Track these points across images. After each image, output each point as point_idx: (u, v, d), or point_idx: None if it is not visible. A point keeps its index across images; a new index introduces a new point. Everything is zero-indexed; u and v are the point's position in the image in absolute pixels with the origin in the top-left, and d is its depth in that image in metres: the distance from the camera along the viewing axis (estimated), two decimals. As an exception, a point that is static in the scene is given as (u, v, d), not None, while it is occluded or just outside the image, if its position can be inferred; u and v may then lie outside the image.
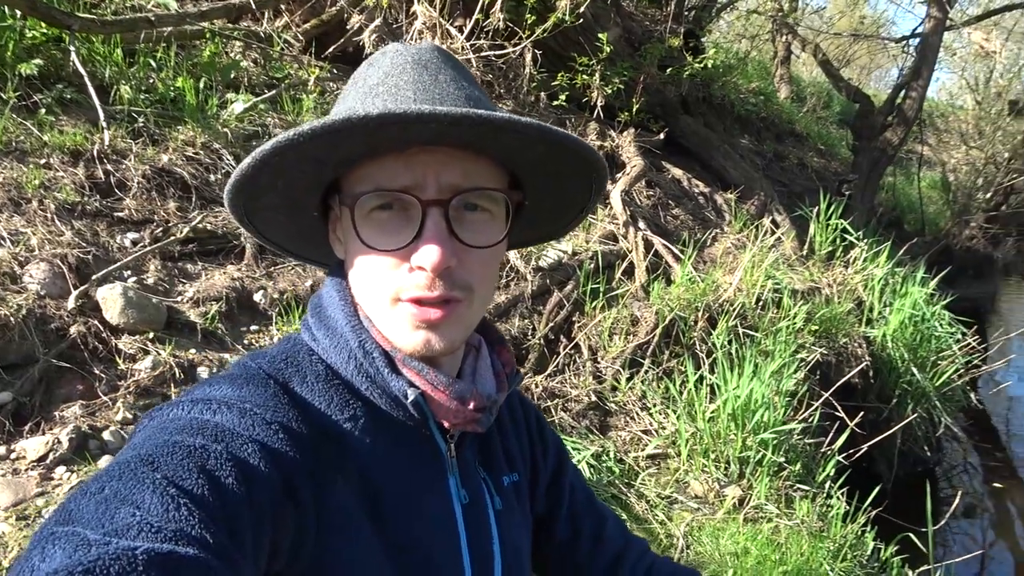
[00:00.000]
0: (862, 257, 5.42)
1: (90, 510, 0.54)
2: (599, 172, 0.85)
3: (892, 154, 8.13)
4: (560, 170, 0.84)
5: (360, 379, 0.82)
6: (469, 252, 0.78)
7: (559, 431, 3.03)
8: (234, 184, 0.76)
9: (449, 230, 0.76)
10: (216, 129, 3.53)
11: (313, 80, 4.31)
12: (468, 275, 0.79)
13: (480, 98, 0.82)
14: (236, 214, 0.84)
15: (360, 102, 0.79)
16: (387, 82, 0.78)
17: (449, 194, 0.76)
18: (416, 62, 0.80)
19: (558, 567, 1.14)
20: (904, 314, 4.83)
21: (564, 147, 0.78)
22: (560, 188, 0.89)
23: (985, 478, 5.58)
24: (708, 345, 3.76)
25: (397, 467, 0.82)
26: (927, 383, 4.64)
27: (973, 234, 8.57)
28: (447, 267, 0.75)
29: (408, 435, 0.85)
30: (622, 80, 5.40)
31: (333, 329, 0.84)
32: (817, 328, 4.26)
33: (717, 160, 6.29)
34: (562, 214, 0.97)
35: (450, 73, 0.81)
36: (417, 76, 0.79)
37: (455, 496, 0.88)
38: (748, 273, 4.25)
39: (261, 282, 3.06)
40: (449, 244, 0.76)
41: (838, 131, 12.32)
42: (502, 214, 0.83)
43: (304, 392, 0.80)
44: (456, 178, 0.76)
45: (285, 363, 0.83)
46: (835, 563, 2.55)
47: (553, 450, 1.14)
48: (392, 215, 0.77)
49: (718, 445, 3.11)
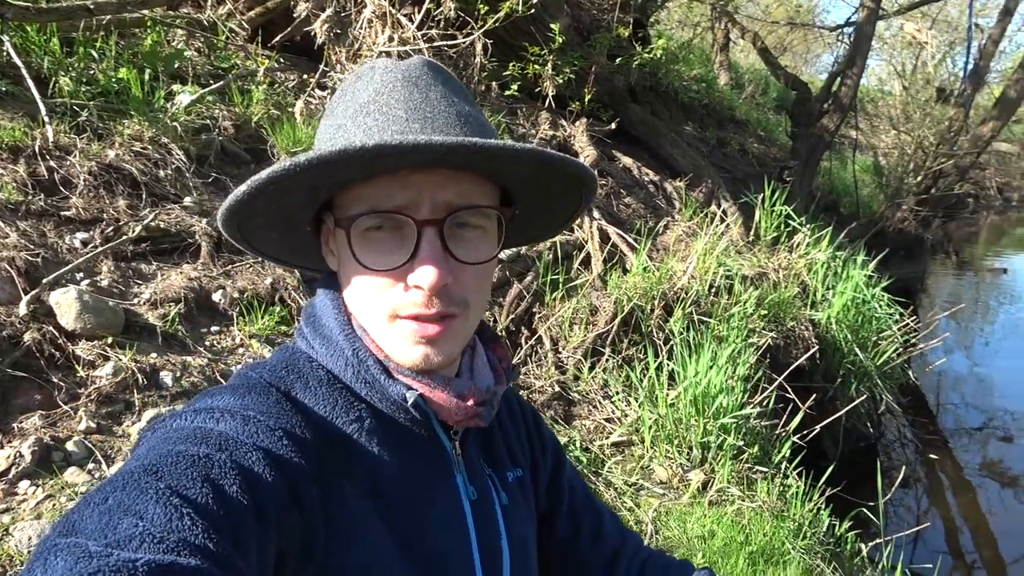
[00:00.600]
0: (805, 242, 5.60)
1: (93, 521, 0.54)
2: (589, 186, 0.87)
3: (829, 140, 8.41)
4: (551, 184, 0.85)
5: (359, 384, 0.83)
6: (464, 268, 0.80)
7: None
8: (228, 209, 0.76)
9: (444, 248, 0.77)
10: (164, 123, 3.41)
11: (263, 71, 4.20)
12: (464, 290, 0.81)
13: (471, 113, 0.82)
14: (229, 233, 0.83)
15: (352, 120, 0.79)
16: (378, 100, 0.79)
17: (443, 213, 0.77)
18: (406, 79, 0.80)
19: (560, 564, 1.16)
20: (846, 297, 5.03)
21: (556, 167, 0.80)
22: (550, 200, 0.91)
23: (920, 450, 5.86)
24: (665, 332, 3.85)
25: (404, 467, 0.83)
26: (869, 363, 4.85)
27: (905, 216, 8.95)
28: (443, 285, 0.77)
29: (412, 435, 0.86)
30: (572, 70, 5.43)
31: (328, 338, 0.85)
32: (766, 313, 4.40)
33: (665, 148, 6.39)
34: (552, 221, 0.99)
35: (440, 90, 0.82)
36: (408, 94, 0.79)
37: (463, 493, 0.89)
38: (701, 260, 4.35)
39: (219, 281, 2.99)
40: (444, 263, 0.77)
41: (775, 117, 12.67)
42: (494, 228, 0.85)
43: (307, 398, 0.81)
44: (450, 197, 0.77)
45: (286, 371, 0.84)
46: (796, 541, 2.66)
47: (551, 448, 1.17)
48: (387, 234, 0.78)
49: (680, 431, 3.20)
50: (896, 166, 10.10)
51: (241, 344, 2.80)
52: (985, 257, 14.41)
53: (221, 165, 3.61)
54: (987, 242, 16.46)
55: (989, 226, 18.07)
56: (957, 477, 5.65)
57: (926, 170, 9.03)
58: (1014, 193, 20.27)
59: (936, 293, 10.87)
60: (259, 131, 3.88)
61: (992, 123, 8.89)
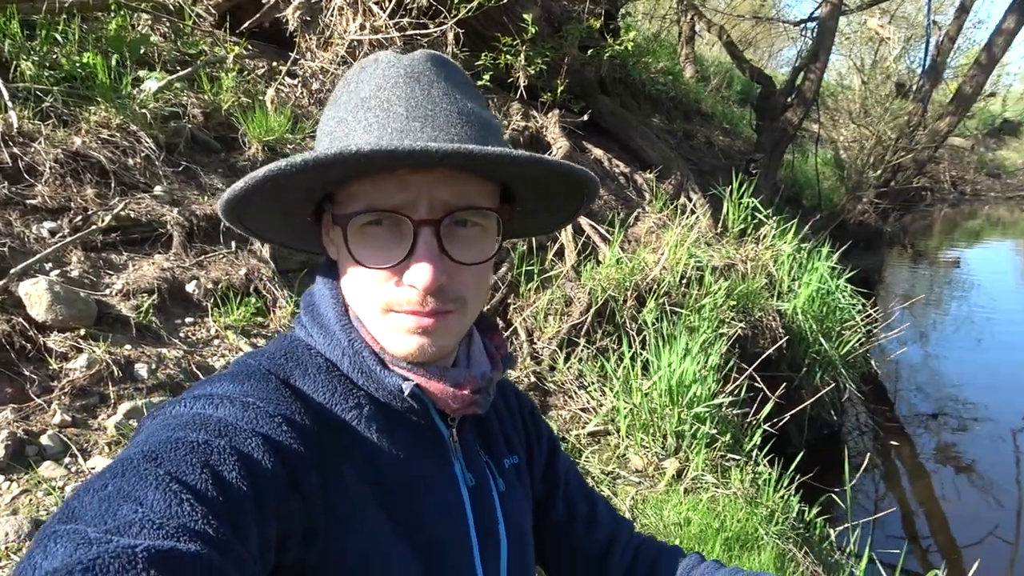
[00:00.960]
0: (771, 234, 5.71)
1: (93, 507, 0.54)
2: (591, 188, 0.87)
3: (793, 133, 8.56)
4: (551, 184, 0.86)
5: (356, 374, 0.84)
6: (461, 268, 0.80)
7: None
8: (227, 202, 0.77)
9: (440, 249, 0.77)
10: (133, 110, 3.33)
11: (232, 57, 4.12)
12: (460, 288, 0.81)
13: (473, 110, 0.82)
14: (231, 222, 0.83)
15: (352, 115, 0.79)
16: (379, 95, 0.78)
17: (440, 213, 0.77)
18: (408, 75, 0.80)
19: (555, 550, 1.18)
20: (812, 288, 5.14)
21: (557, 171, 0.80)
22: (551, 199, 0.91)
23: (879, 437, 6.02)
24: (638, 323, 3.89)
25: (402, 454, 0.83)
26: (833, 352, 4.97)
27: (865, 209, 9.16)
28: (439, 285, 0.77)
29: (410, 423, 0.87)
30: (544, 61, 5.43)
31: (326, 327, 0.86)
32: (735, 304, 4.48)
33: (635, 140, 6.44)
34: (553, 217, 1.00)
35: (443, 86, 0.81)
36: (409, 91, 0.79)
37: (461, 480, 0.90)
38: (672, 252, 4.41)
39: (192, 272, 2.94)
40: (440, 263, 0.77)
41: (740, 110, 12.83)
42: (494, 226, 0.85)
43: (306, 385, 0.81)
44: (447, 196, 0.77)
45: (285, 358, 0.84)
46: (769, 527, 2.73)
47: (546, 437, 1.18)
48: (383, 231, 0.78)
49: (655, 420, 3.25)
50: (856, 159, 10.32)
51: (216, 336, 2.76)
52: (939, 249, 14.81)
53: (191, 153, 3.54)
54: (941, 234, 16.92)
55: (943, 218, 18.58)
56: (914, 463, 5.81)
57: (886, 164, 9.25)
58: (967, 186, 20.85)
59: (892, 284, 11.15)
60: (229, 119, 3.81)
61: (949, 118, 9.14)
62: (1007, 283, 11.91)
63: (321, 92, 4.58)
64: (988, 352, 8.15)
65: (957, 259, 13.32)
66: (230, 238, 3.20)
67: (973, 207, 20.33)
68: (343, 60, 4.61)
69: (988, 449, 5.89)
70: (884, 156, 9.36)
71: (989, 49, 8.89)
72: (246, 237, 3.30)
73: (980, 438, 6.07)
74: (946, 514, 5.07)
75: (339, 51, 4.60)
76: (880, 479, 5.56)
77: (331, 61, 4.60)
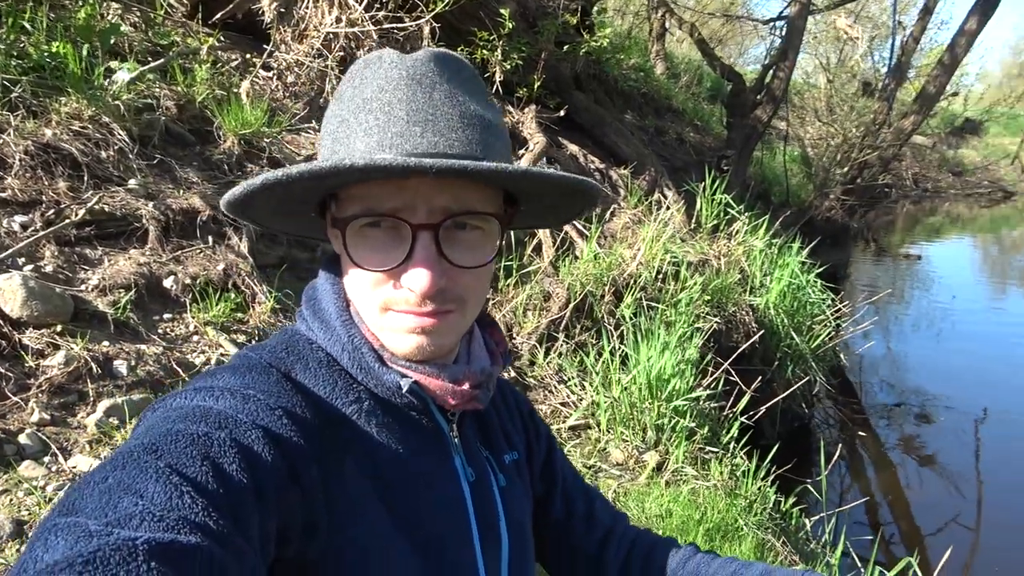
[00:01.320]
0: (743, 230, 5.79)
1: (93, 500, 0.54)
2: (591, 196, 0.88)
3: (762, 130, 8.69)
4: (553, 192, 0.87)
5: (356, 370, 0.84)
6: (460, 272, 0.80)
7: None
8: (227, 204, 0.78)
9: (439, 252, 0.77)
10: (106, 102, 3.26)
11: (206, 49, 4.06)
12: (460, 290, 0.81)
13: (476, 112, 0.82)
14: (235, 216, 0.84)
15: (354, 116, 0.79)
16: (381, 97, 0.78)
17: (439, 217, 0.77)
18: (411, 77, 0.79)
19: (554, 549, 1.19)
20: (783, 283, 5.23)
21: (555, 183, 0.81)
22: (553, 204, 0.92)
23: (847, 429, 6.15)
24: (616, 318, 3.92)
25: (403, 450, 0.84)
26: (804, 346, 5.06)
27: (832, 205, 9.33)
28: (437, 289, 0.77)
29: (410, 419, 0.87)
30: (521, 56, 5.43)
31: (326, 322, 0.86)
32: (709, 298, 4.54)
33: (610, 136, 6.48)
34: (555, 219, 1.01)
35: (446, 88, 0.81)
36: (411, 94, 0.78)
37: (462, 475, 0.90)
38: (648, 247, 4.45)
39: (169, 267, 2.90)
40: (439, 267, 0.77)
41: (709, 107, 12.97)
42: (495, 230, 0.84)
43: (307, 379, 0.82)
44: (447, 201, 0.77)
45: (286, 352, 0.84)
46: (748, 517, 2.78)
47: (544, 435, 1.18)
48: (382, 233, 0.78)
49: (635, 414, 3.28)
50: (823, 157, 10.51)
51: (196, 332, 2.73)
52: (901, 245, 15.15)
53: (166, 146, 3.48)
54: (903, 230, 17.31)
55: (905, 215, 19.02)
56: (879, 454, 5.95)
57: (852, 161, 9.43)
58: (928, 183, 21.36)
59: (857, 279, 11.39)
60: (204, 112, 3.75)
61: (913, 117, 9.35)
62: (966, 277, 12.23)
63: (296, 85, 4.53)
64: (948, 345, 8.37)
65: (919, 255, 13.64)
66: (207, 233, 3.16)
67: (934, 203, 20.85)
68: (318, 53, 4.56)
69: (950, 440, 6.04)
70: (850, 154, 9.55)
71: (952, 50, 9.11)
72: (223, 232, 3.27)
73: (942, 429, 6.23)
74: (910, 503, 5.20)
75: (315, 44, 4.55)
76: (847, 470, 5.68)
77: (306, 54, 4.55)
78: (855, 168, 9.49)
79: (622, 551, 1.17)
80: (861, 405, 6.79)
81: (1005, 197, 21.33)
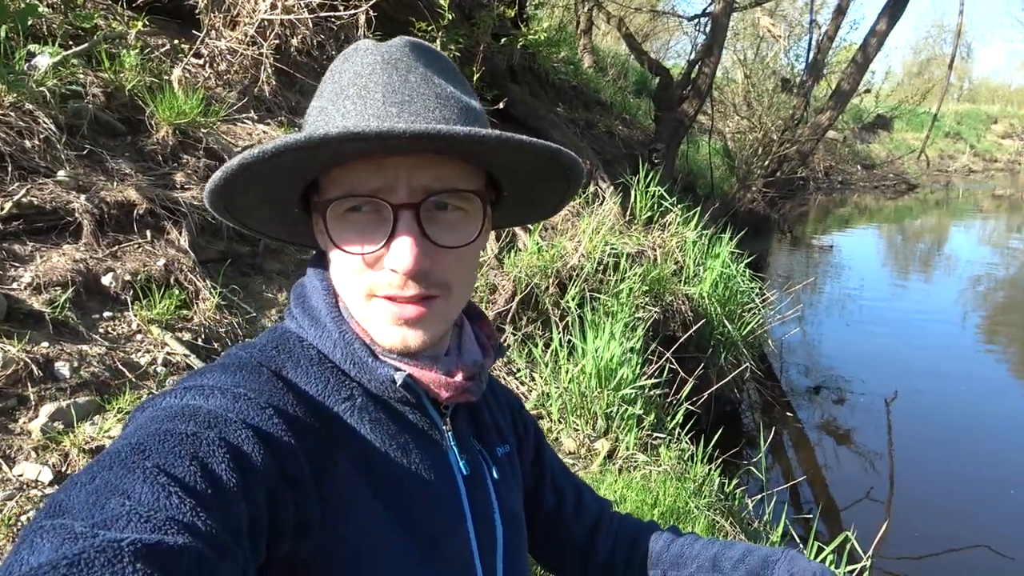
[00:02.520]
0: (676, 221, 5.95)
1: (80, 501, 0.54)
2: (573, 168, 0.86)
3: (689, 124, 8.93)
4: (533, 167, 0.85)
5: (348, 365, 0.84)
6: (444, 252, 0.80)
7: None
8: (209, 193, 0.77)
9: (421, 232, 0.77)
10: (29, 88, 3.07)
11: (134, 34, 3.87)
12: (444, 273, 0.81)
13: (452, 94, 0.82)
14: (220, 215, 0.83)
15: (332, 103, 0.79)
16: (357, 83, 0.79)
17: (420, 196, 0.77)
18: (386, 62, 0.80)
19: (544, 540, 1.20)
20: (715, 272, 5.41)
21: (530, 151, 0.78)
22: (534, 182, 0.90)
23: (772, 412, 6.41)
24: (561, 309, 3.98)
25: (396, 446, 0.83)
26: (736, 333, 5.26)
27: (754, 197, 9.68)
28: (420, 269, 0.77)
29: (403, 413, 0.87)
30: (458, 48, 5.41)
31: (316, 319, 0.86)
32: (648, 289, 4.65)
33: (545, 129, 6.52)
34: (542, 203, 0.98)
35: (420, 71, 0.81)
36: (387, 77, 0.79)
37: (456, 469, 0.90)
38: (589, 239, 4.52)
39: (107, 263, 2.77)
40: (422, 247, 0.77)
41: (635, 100, 13.22)
42: (478, 210, 0.83)
43: (298, 377, 0.81)
44: (427, 180, 0.77)
45: (276, 350, 0.83)
46: (697, 500, 2.88)
47: (532, 428, 1.20)
48: (364, 217, 0.78)
49: (585, 403, 3.34)
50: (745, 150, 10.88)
51: (139, 330, 2.62)
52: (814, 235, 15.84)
53: (95, 136, 3.31)
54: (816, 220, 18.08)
55: (818, 206, 19.87)
56: (800, 435, 6.23)
57: (772, 155, 9.80)
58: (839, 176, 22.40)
59: (775, 268, 11.87)
60: (134, 100, 3.59)
61: (829, 112, 9.79)
62: (873, 265, 12.88)
63: (229, 73, 4.38)
64: (858, 329, 8.79)
65: (831, 244, 14.30)
66: (145, 227, 3.03)
67: (844, 195, 21.87)
68: (252, 40, 4.42)
69: (863, 419, 6.37)
70: (771, 147, 9.93)
71: (864, 49, 9.58)
72: (161, 226, 3.14)
73: (856, 409, 6.55)
74: (827, 480, 5.47)
75: (248, 31, 4.41)
76: (773, 451, 5.93)
77: (240, 41, 4.40)
78: (775, 161, 9.88)
79: (609, 539, 1.19)
80: (783, 389, 7.09)
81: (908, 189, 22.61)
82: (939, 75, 31.65)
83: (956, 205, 21.12)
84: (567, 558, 1.22)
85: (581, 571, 1.22)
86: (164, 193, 3.17)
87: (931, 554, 4.06)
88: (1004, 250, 13.62)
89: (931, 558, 4.02)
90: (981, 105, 33.61)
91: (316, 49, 5.10)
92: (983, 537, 4.17)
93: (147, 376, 2.45)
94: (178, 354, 2.59)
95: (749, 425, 5.97)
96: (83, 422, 2.14)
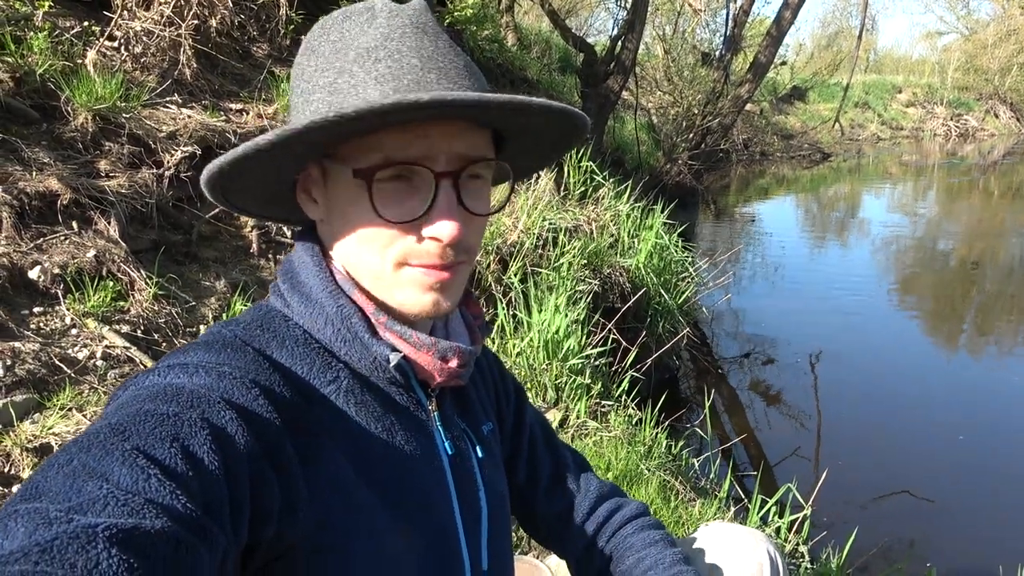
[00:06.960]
0: (608, 195, 6.05)
1: (56, 484, 0.53)
2: (583, 132, 0.88)
3: (615, 100, 9.05)
4: (548, 130, 0.87)
5: (338, 344, 0.83)
6: (474, 220, 0.82)
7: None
8: (227, 164, 0.74)
9: (459, 201, 0.78)
10: (-69, 74, 2.88)
11: (41, 15, 3.66)
12: (472, 240, 0.83)
13: (470, 64, 0.82)
14: (212, 194, 0.81)
15: (358, 65, 0.76)
16: (387, 45, 0.76)
17: (458, 165, 0.78)
18: (415, 25, 0.79)
19: (519, 509, 1.21)
20: (650, 244, 5.53)
21: (559, 116, 0.80)
22: (542, 143, 0.92)
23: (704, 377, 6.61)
24: (504, 285, 4.01)
25: (382, 426, 0.83)
26: (671, 302, 5.40)
27: (680, 170, 9.90)
28: (461, 238, 0.78)
29: (390, 394, 0.87)
30: (384, 26, 5.31)
31: (307, 295, 0.84)
32: (587, 262, 4.73)
33: (475, 107, 6.48)
34: (541, 160, 1.00)
35: (445, 39, 0.81)
36: (418, 42, 0.78)
37: (442, 450, 0.91)
38: (527, 215, 4.55)
39: (33, 256, 2.63)
40: (460, 216, 0.78)
41: (560, 77, 13.26)
42: (491, 179, 0.86)
43: (283, 357, 0.80)
44: (464, 148, 0.78)
45: (260, 329, 0.82)
46: (648, 463, 2.97)
47: (514, 394, 1.19)
48: (400, 185, 0.77)
49: (534, 375, 3.39)
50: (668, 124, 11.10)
51: (74, 325, 2.51)
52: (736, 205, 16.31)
53: (6, 124, 3.13)
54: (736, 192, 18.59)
55: (738, 177, 20.43)
56: (733, 398, 6.46)
57: (695, 128, 10.03)
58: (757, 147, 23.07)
59: (702, 239, 12.18)
60: (47, 86, 3.40)
61: (747, 85, 10.08)
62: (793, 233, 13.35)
63: (146, 56, 4.19)
64: (782, 294, 9.14)
65: (753, 215, 14.76)
66: (70, 217, 2.89)
67: (763, 166, 22.53)
68: (169, 21, 4.24)
69: (791, 379, 6.65)
70: (693, 121, 10.16)
71: (778, 23, 9.88)
72: (88, 216, 2.99)
73: (783, 370, 6.82)
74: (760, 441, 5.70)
75: (164, 11, 4.23)
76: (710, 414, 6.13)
77: (155, 22, 4.21)
78: (698, 134, 10.13)
79: (581, 533, 1.19)
80: (714, 355, 7.33)
81: (823, 158, 23.45)
82: (847, 47, 32.89)
83: (867, 172, 22.06)
84: (541, 530, 1.23)
85: (559, 551, 1.22)
86: (88, 182, 3.03)
87: (862, 502, 4.28)
88: (912, 214, 14.32)
89: (863, 506, 4.25)
90: (887, 75, 35.17)
91: (237, 30, 4.93)
92: (908, 482, 4.42)
93: (87, 371, 2.35)
94: (118, 347, 2.49)
95: (687, 390, 6.15)
96: (23, 420, 2.04)
